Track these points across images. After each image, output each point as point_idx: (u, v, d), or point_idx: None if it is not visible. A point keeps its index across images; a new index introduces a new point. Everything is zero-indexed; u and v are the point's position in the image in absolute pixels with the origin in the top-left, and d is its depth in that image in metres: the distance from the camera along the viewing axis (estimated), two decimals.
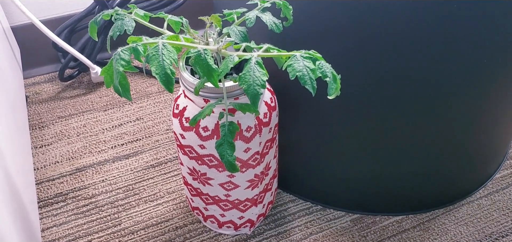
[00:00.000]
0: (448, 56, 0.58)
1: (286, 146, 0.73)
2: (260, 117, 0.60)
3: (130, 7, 0.56)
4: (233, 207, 0.68)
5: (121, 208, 0.78)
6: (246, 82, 0.46)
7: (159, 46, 0.46)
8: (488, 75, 0.61)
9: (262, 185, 0.67)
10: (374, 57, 0.58)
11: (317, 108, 0.66)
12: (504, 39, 0.58)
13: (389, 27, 0.56)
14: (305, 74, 0.45)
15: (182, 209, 0.78)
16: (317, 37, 0.60)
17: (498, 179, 0.81)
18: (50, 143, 0.89)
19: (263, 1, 0.57)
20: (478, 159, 0.75)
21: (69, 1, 1.01)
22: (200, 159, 0.62)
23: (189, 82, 0.57)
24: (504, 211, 0.76)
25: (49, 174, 0.84)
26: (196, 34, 0.57)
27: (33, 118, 0.94)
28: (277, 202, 0.78)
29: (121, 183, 0.82)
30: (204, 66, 0.47)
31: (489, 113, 0.67)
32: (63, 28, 0.96)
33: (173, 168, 0.84)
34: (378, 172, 0.71)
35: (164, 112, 0.95)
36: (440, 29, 0.55)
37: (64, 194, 0.80)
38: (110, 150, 0.88)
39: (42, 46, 1.01)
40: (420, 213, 0.76)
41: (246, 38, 0.55)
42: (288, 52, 0.48)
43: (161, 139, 0.90)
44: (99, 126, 0.93)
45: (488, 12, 0.55)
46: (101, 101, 0.98)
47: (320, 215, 0.76)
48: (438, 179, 0.73)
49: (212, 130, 0.59)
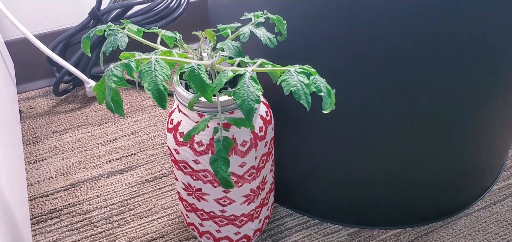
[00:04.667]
0: (445, 69, 0.57)
1: (282, 160, 0.72)
2: (256, 131, 0.60)
3: (124, 22, 0.55)
4: (229, 223, 0.67)
5: (116, 224, 0.77)
6: (240, 97, 0.45)
7: (152, 62, 0.45)
8: (485, 88, 0.61)
9: (258, 200, 0.67)
10: (369, 71, 0.58)
11: (313, 121, 0.66)
12: (499, 52, 0.58)
13: (385, 41, 0.55)
14: (299, 89, 0.45)
15: (177, 224, 0.77)
16: (311, 52, 0.59)
17: (495, 191, 0.81)
18: (44, 158, 0.89)
19: (257, 16, 0.57)
20: (475, 171, 0.74)
21: (63, 15, 1.01)
22: (195, 174, 0.61)
23: (183, 97, 0.56)
24: (502, 223, 0.76)
25: (43, 189, 0.83)
26: (190, 49, 0.57)
27: (27, 133, 0.94)
28: (274, 217, 0.78)
29: (116, 198, 0.81)
30: (198, 82, 0.47)
31: (486, 125, 0.66)
32: (58, 43, 0.95)
33: (168, 183, 0.83)
34: (376, 185, 0.71)
35: (159, 126, 0.95)
36: (436, 42, 0.55)
37: (58, 210, 0.79)
38: (105, 165, 0.87)
39: (36, 60, 1.00)
40: (417, 226, 0.76)
41: (240, 53, 0.55)
42: (282, 67, 0.47)
43: (156, 153, 0.89)
44: (94, 140, 0.92)
45: (484, 27, 0.54)
46: (96, 115, 0.97)
47: (318, 229, 0.76)
48: (435, 192, 0.73)
49: (207, 144, 0.58)
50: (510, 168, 0.85)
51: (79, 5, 1.01)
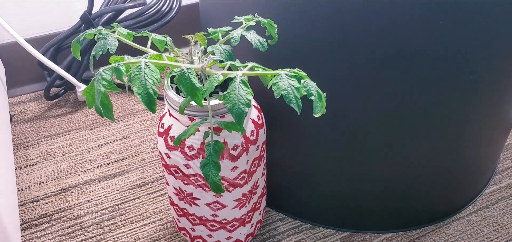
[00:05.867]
0: (437, 74, 0.57)
1: (274, 164, 0.72)
2: (247, 135, 0.60)
3: (114, 26, 0.55)
4: (221, 227, 0.67)
5: (107, 229, 0.77)
6: (230, 101, 0.45)
7: (142, 65, 0.45)
8: (476, 92, 0.61)
9: (250, 204, 0.66)
10: (360, 75, 0.58)
11: (305, 125, 0.65)
12: (490, 57, 0.58)
13: (375, 45, 0.55)
14: (290, 93, 0.44)
15: (169, 229, 0.76)
16: (302, 56, 0.59)
17: (487, 195, 0.81)
18: (35, 162, 0.88)
19: (248, 19, 0.57)
20: (467, 175, 0.74)
21: (54, 19, 1.01)
22: (186, 178, 0.61)
23: (174, 101, 0.56)
24: (494, 226, 0.76)
25: (34, 194, 0.82)
26: (181, 52, 0.57)
27: (17, 137, 0.93)
28: (266, 221, 0.77)
29: (107, 203, 0.80)
30: (188, 85, 0.47)
31: (478, 129, 0.67)
32: (49, 47, 0.95)
33: (159, 188, 0.83)
34: (368, 189, 0.70)
35: (150, 131, 0.94)
36: (427, 46, 0.55)
37: (49, 215, 0.79)
38: (96, 169, 0.86)
39: (27, 64, 0.99)
40: (410, 230, 0.76)
41: (231, 57, 0.54)
42: (273, 71, 0.47)
43: (147, 158, 0.88)
44: (85, 145, 0.91)
45: (473, 33, 0.55)
46: (87, 120, 0.97)
47: (310, 233, 0.75)
48: (428, 196, 0.73)
49: (198, 149, 0.58)
50: (502, 171, 0.85)
51: (71, 9, 1.01)
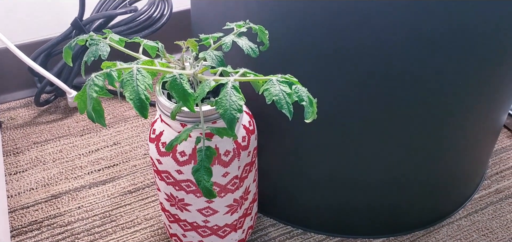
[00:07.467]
0: (427, 79, 0.58)
1: (266, 169, 0.72)
2: (239, 141, 0.60)
3: (106, 32, 0.55)
4: (212, 233, 0.67)
5: (98, 235, 0.76)
6: (222, 107, 0.45)
7: (134, 71, 0.45)
8: (466, 97, 0.62)
9: (242, 210, 0.66)
10: (351, 80, 0.59)
11: (296, 131, 0.66)
12: (481, 61, 0.59)
13: (367, 51, 0.56)
14: (281, 98, 0.45)
15: (160, 235, 0.76)
16: (293, 61, 0.59)
17: (476, 200, 0.82)
18: (25, 169, 0.87)
19: (239, 25, 0.57)
20: (457, 180, 0.75)
21: (45, 25, 1.00)
22: (177, 184, 0.61)
23: (166, 107, 0.56)
24: (483, 231, 0.77)
25: (24, 201, 0.82)
26: (172, 58, 0.57)
27: (7, 144, 0.92)
28: (257, 227, 0.78)
29: (97, 210, 0.80)
30: (180, 91, 0.47)
31: (467, 134, 0.67)
32: (40, 53, 0.94)
33: (150, 194, 0.83)
34: (358, 195, 0.71)
35: (141, 137, 0.94)
36: (417, 52, 0.56)
37: (39, 222, 0.78)
38: (87, 176, 0.86)
39: (17, 70, 0.99)
40: (400, 235, 0.76)
41: (223, 63, 0.55)
42: (264, 77, 0.47)
43: (138, 164, 0.88)
44: (76, 151, 0.91)
45: (460, 39, 0.55)
46: (78, 126, 0.96)
47: (301, 239, 0.76)
48: (418, 201, 0.73)
49: (190, 154, 0.58)
50: (490, 176, 0.86)
51: (61, 15, 1.00)
